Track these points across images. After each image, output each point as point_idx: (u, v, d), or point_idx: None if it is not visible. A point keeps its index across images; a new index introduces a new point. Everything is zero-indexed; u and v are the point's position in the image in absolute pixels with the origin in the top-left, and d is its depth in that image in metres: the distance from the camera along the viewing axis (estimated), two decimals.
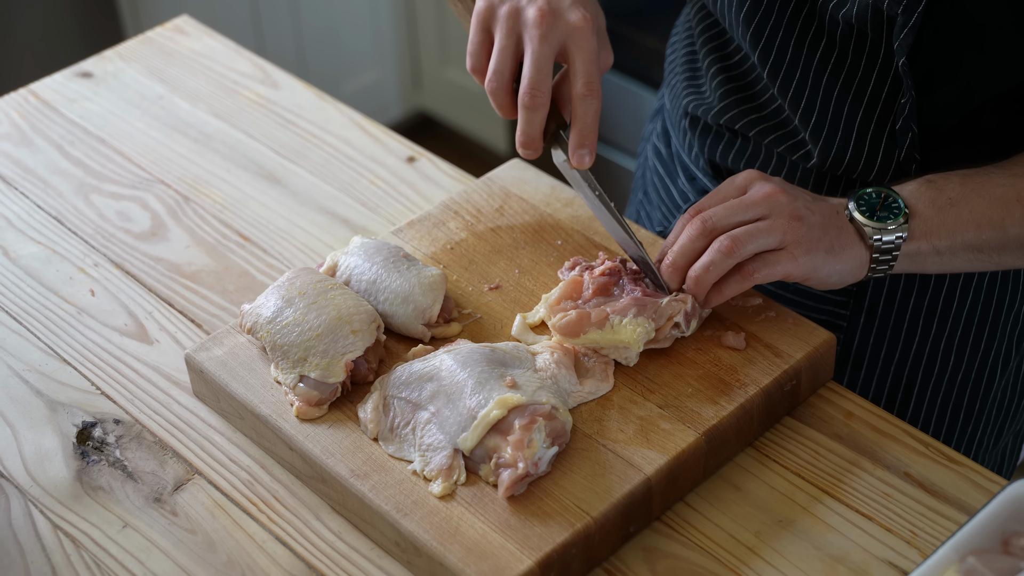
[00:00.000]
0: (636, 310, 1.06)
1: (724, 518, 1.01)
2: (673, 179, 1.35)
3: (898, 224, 1.06)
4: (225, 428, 1.10)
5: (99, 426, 1.11)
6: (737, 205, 1.06)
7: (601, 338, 1.06)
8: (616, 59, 2.58)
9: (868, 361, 1.24)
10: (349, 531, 1.02)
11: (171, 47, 1.55)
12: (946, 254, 1.07)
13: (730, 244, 1.03)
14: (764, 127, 1.20)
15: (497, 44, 1.08)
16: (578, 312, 1.06)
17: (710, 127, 1.25)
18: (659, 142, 1.39)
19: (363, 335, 1.07)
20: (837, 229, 1.06)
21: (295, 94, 1.48)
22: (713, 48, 1.24)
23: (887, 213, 1.06)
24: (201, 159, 1.39)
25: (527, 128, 1.07)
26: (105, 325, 1.20)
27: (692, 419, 1.03)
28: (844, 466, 1.05)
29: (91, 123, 1.44)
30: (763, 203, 1.05)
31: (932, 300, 1.20)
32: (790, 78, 1.15)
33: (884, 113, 1.12)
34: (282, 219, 1.32)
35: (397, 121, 3.11)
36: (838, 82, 1.13)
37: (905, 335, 1.22)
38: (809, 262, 1.04)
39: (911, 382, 1.24)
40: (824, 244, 1.05)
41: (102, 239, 1.30)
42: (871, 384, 1.25)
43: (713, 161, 1.26)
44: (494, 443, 0.99)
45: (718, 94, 1.23)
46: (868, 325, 1.22)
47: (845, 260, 1.06)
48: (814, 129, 1.15)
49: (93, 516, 1.04)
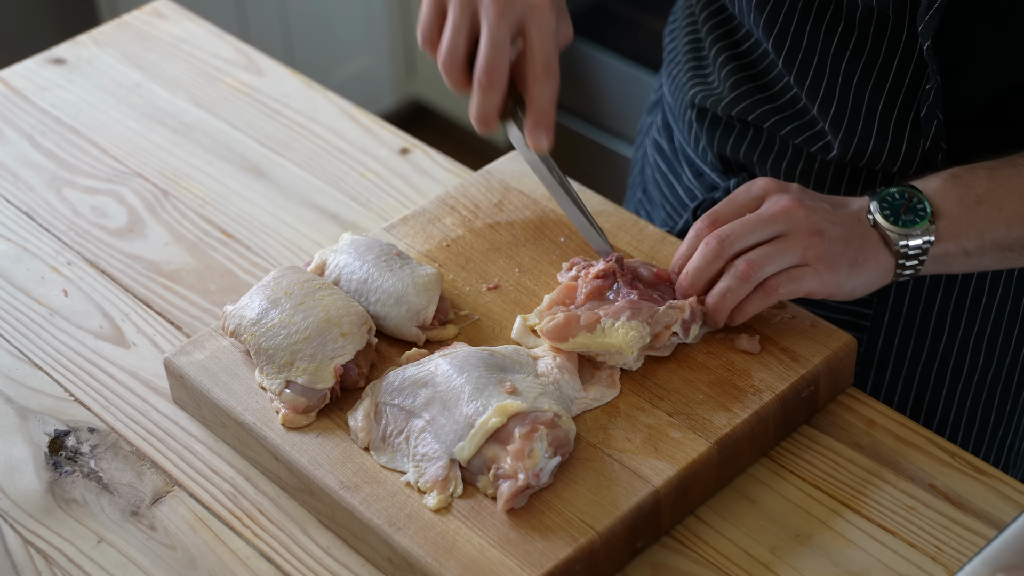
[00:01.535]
0: (630, 313, 1.05)
1: (737, 533, 1.01)
2: (677, 176, 1.35)
3: (924, 227, 1.06)
4: (207, 437, 1.10)
5: (73, 435, 1.11)
6: (754, 222, 1.06)
7: (591, 342, 1.06)
8: (616, 42, 2.59)
9: (893, 362, 1.24)
10: (338, 546, 1.02)
11: (149, 32, 1.55)
12: (975, 255, 1.07)
13: (746, 269, 1.04)
14: (779, 118, 1.19)
15: (451, 21, 1.09)
16: (566, 315, 1.06)
17: (719, 119, 1.25)
18: (660, 136, 1.39)
19: (353, 338, 1.07)
20: (860, 239, 1.06)
21: (281, 82, 1.48)
22: (721, 35, 1.24)
23: (912, 216, 1.06)
24: (181, 151, 1.39)
25: (482, 108, 1.09)
26: (79, 327, 1.20)
27: (703, 427, 1.03)
28: (865, 477, 1.05)
29: (64, 113, 1.44)
30: (781, 219, 1.05)
31: (960, 296, 1.20)
32: (807, 65, 1.15)
33: (908, 100, 1.12)
34: (267, 215, 1.32)
35: (389, 110, 3.11)
36: (858, 68, 1.13)
37: (932, 333, 1.22)
38: (833, 278, 1.05)
39: (938, 384, 1.24)
40: (847, 258, 1.05)
41: (76, 236, 1.29)
42: (896, 387, 1.25)
43: (723, 155, 1.26)
44: (493, 453, 0.98)
45: (728, 84, 1.23)
46: (893, 324, 1.22)
47: (870, 271, 1.07)
48: (834, 119, 1.15)
49: (66, 531, 1.04)
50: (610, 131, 2.72)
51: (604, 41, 2.63)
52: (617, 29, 2.59)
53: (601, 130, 2.74)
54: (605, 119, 2.72)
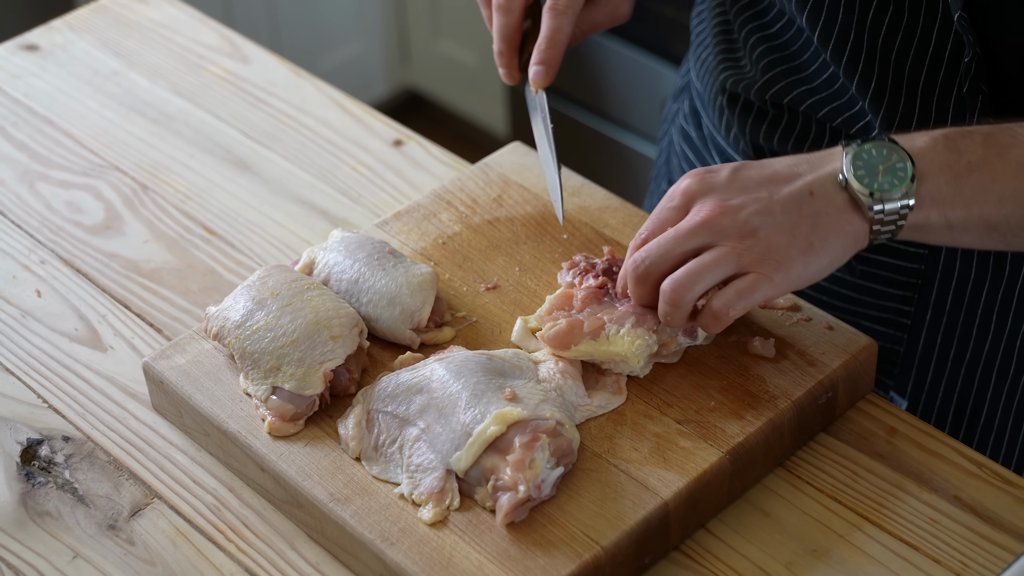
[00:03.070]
0: (635, 320, 1.05)
1: (751, 548, 1.01)
2: (706, 165, 1.34)
3: (904, 190, 1.00)
4: (188, 446, 1.10)
5: (46, 444, 1.11)
6: (672, 238, 1.02)
7: (595, 350, 1.05)
8: (630, 31, 2.59)
9: (935, 365, 1.23)
10: (328, 562, 1.02)
11: (127, 16, 1.55)
12: (958, 228, 1.02)
13: (672, 294, 1.01)
14: (816, 100, 1.19)
15: None
16: (569, 321, 1.06)
17: (752, 105, 1.25)
18: (687, 124, 1.39)
19: (344, 341, 1.07)
20: (811, 218, 1.01)
21: (267, 69, 1.48)
22: (751, 16, 1.24)
23: (891, 177, 1.01)
24: (161, 143, 1.39)
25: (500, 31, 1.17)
26: (53, 330, 1.20)
27: (715, 436, 1.03)
28: (886, 489, 1.05)
29: (37, 102, 1.44)
30: (703, 229, 1.01)
31: (1006, 292, 1.18)
32: (843, 40, 1.14)
33: (949, 74, 1.11)
34: (252, 210, 1.32)
35: (382, 100, 3.11)
36: (896, 42, 1.12)
37: (977, 333, 1.20)
38: (786, 277, 1.00)
39: (982, 389, 1.23)
40: (797, 247, 1.00)
41: (49, 233, 1.29)
42: (937, 392, 1.24)
43: (756, 143, 1.26)
44: (491, 463, 0.98)
45: (760, 66, 1.22)
46: (935, 323, 1.21)
47: (832, 248, 1.01)
48: (874, 96, 1.14)
49: (39, 545, 1.04)
50: (616, 121, 2.72)
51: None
52: None
53: (607, 120, 2.74)
54: (611, 109, 2.72)
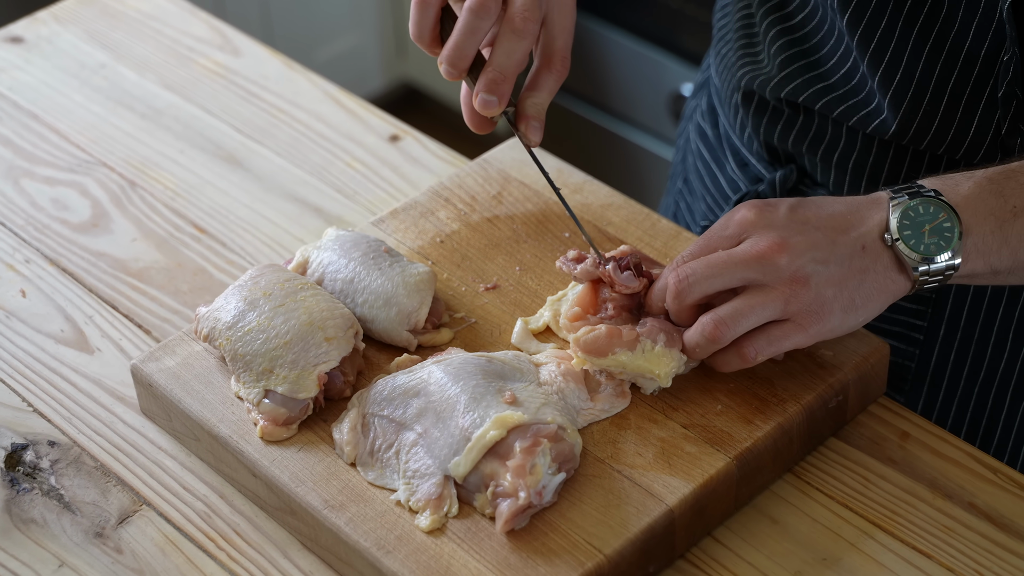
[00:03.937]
0: (666, 338, 1.04)
1: (759, 556, 1.01)
2: (720, 166, 1.34)
3: (950, 252, 1.01)
4: (178, 451, 1.10)
5: (31, 449, 1.10)
6: (723, 262, 1.01)
7: (630, 362, 1.04)
8: (634, 22, 2.59)
9: (948, 380, 1.22)
10: (322, 570, 1.02)
11: (115, 7, 1.55)
12: (1003, 273, 1.04)
13: (713, 331, 1.01)
14: (832, 97, 1.18)
15: None
16: (608, 328, 1.05)
17: (767, 103, 1.24)
18: (704, 121, 1.38)
19: (338, 343, 1.07)
20: (860, 275, 1.01)
21: (259, 62, 1.48)
22: (772, 8, 1.23)
23: (937, 239, 1.01)
24: (150, 138, 1.39)
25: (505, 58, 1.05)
26: (38, 331, 1.20)
27: (722, 441, 1.03)
28: (898, 495, 1.05)
29: (22, 96, 1.44)
30: (756, 264, 1.01)
31: None
32: (873, 30, 1.12)
33: (983, 75, 1.10)
34: (244, 208, 1.32)
35: (378, 94, 3.11)
36: (930, 36, 1.11)
37: (992, 348, 1.20)
38: (821, 329, 1.01)
39: (997, 405, 1.22)
40: (840, 302, 1.01)
41: (34, 231, 1.29)
42: (951, 407, 1.23)
43: (770, 144, 1.25)
44: (491, 469, 0.98)
45: (778, 62, 1.22)
46: (949, 337, 1.20)
47: (872, 308, 1.02)
48: (896, 93, 1.14)
49: (24, 554, 1.04)
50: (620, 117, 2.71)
51: (611, 17, 2.63)
52: (633, 5, 2.59)
53: (611, 115, 2.73)
54: (616, 104, 2.71)
